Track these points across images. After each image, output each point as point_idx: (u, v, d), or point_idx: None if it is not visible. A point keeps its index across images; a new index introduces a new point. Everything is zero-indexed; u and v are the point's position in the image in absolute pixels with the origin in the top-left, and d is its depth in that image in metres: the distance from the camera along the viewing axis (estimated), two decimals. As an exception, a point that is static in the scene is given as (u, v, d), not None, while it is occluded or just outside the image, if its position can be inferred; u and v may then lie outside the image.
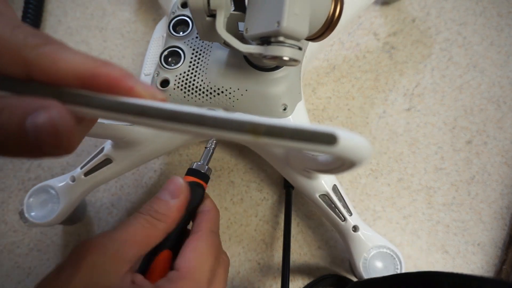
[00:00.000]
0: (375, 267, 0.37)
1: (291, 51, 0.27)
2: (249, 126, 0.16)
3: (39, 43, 0.17)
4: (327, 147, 0.16)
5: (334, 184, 0.38)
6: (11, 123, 0.16)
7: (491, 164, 0.47)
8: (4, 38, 0.16)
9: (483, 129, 0.49)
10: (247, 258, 0.45)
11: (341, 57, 0.52)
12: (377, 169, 0.48)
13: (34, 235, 0.47)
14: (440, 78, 0.51)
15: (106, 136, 0.37)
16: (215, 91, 0.37)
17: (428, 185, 0.47)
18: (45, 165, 0.49)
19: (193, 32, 0.39)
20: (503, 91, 0.50)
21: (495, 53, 0.51)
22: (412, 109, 0.50)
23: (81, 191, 0.40)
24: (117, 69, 0.18)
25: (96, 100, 0.17)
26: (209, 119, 0.16)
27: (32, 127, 0.16)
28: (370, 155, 0.18)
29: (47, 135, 0.16)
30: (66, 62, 0.17)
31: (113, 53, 0.54)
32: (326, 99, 0.50)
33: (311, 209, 0.47)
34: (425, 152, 0.48)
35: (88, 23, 0.55)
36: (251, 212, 0.47)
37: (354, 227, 0.38)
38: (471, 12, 0.53)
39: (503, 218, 0.46)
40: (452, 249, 0.45)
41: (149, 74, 0.42)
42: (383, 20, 0.53)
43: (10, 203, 0.48)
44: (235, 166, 0.49)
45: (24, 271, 0.45)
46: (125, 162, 0.40)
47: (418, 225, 0.46)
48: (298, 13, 0.26)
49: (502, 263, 0.43)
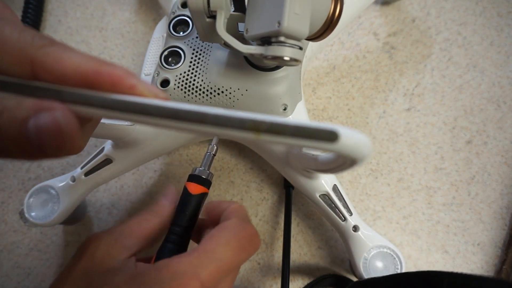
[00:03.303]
0: (375, 267, 0.37)
1: (292, 51, 0.27)
2: (250, 123, 0.16)
3: (45, 43, 0.17)
4: (328, 145, 0.16)
5: (334, 184, 0.38)
6: (12, 125, 0.16)
7: (491, 164, 0.47)
8: (12, 39, 0.17)
9: (483, 129, 0.49)
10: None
11: (341, 57, 0.52)
12: (377, 169, 0.48)
13: (34, 235, 0.47)
14: (440, 78, 0.51)
15: (107, 136, 0.37)
16: (215, 91, 0.37)
17: (428, 185, 0.47)
18: (45, 165, 0.49)
19: (193, 32, 0.39)
20: (503, 91, 0.50)
21: (495, 53, 0.51)
22: (412, 109, 0.50)
23: (82, 191, 0.40)
24: (120, 68, 0.18)
25: (98, 99, 0.17)
26: (211, 117, 0.16)
27: (34, 128, 0.16)
28: (371, 153, 0.18)
29: (50, 136, 0.16)
30: (70, 61, 0.17)
31: (113, 53, 0.54)
32: (326, 99, 0.51)
33: (311, 209, 0.47)
34: (425, 152, 0.48)
35: (88, 23, 0.55)
36: (251, 212, 0.47)
37: (354, 227, 0.38)
38: (471, 12, 0.53)
39: (503, 218, 0.46)
40: (452, 249, 0.45)
41: (149, 74, 0.42)
42: (383, 20, 0.54)
43: (10, 203, 0.48)
44: (235, 166, 0.49)
45: (24, 271, 0.45)
46: (125, 162, 0.40)
47: (418, 225, 0.46)
48: (298, 13, 0.26)
49: (502, 263, 0.44)
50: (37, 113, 0.16)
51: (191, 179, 0.31)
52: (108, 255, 0.25)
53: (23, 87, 0.17)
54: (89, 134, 0.22)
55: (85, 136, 0.22)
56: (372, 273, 0.37)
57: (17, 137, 0.16)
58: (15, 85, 0.17)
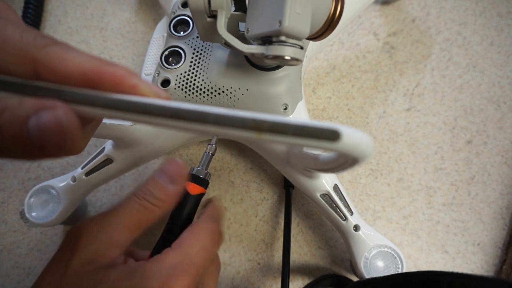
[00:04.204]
0: (376, 266, 0.37)
1: (293, 50, 0.27)
2: (252, 123, 0.16)
3: (47, 43, 0.17)
4: (329, 144, 0.16)
5: (335, 184, 0.38)
6: (13, 124, 0.16)
7: (491, 164, 0.47)
8: (15, 38, 0.17)
9: (483, 129, 0.49)
10: (247, 258, 0.45)
11: (341, 57, 0.52)
12: (377, 169, 0.48)
13: (34, 235, 0.46)
14: (440, 78, 0.51)
15: (107, 136, 0.37)
16: (216, 90, 0.37)
17: (428, 185, 0.47)
18: (45, 165, 0.49)
19: (193, 32, 0.39)
20: (503, 91, 0.50)
21: (495, 53, 0.51)
22: (412, 109, 0.50)
23: (82, 191, 0.40)
24: (122, 68, 0.18)
25: (100, 99, 0.17)
26: (212, 116, 0.16)
27: (35, 127, 0.16)
28: (372, 152, 0.18)
29: (51, 135, 0.16)
30: (72, 61, 0.17)
31: (113, 53, 0.54)
32: (326, 99, 0.51)
33: (311, 209, 0.47)
34: (425, 152, 0.48)
35: (88, 23, 0.55)
36: (251, 212, 0.47)
37: (355, 226, 0.38)
38: (471, 12, 0.54)
39: (503, 218, 0.46)
40: (452, 249, 0.45)
41: (149, 74, 0.42)
42: (383, 20, 0.54)
43: (10, 203, 0.48)
44: (235, 166, 0.49)
45: (24, 271, 0.45)
46: (126, 162, 0.40)
47: (418, 225, 0.46)
48: (299, 12, 0.26)
49: (502, 263, 0.44)
50: (39, 111, 0.16)
51: (189, 179, 0.31)
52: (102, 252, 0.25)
53: (25, 87, 0.17)
54: (90, 135, 0.22)
55: (86, 137, 0.22)
56: (373, 273, 0.37)
57: (18, 136, 0.16)
58: (17, 85, 0.17)
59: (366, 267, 0.37)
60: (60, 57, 0.17)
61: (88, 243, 0.24)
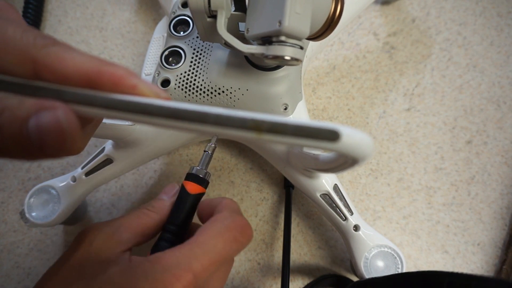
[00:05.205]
0: (376, 266, 0.37)
1: (293, 50, 0.27)
2: (252, 123, 0.16)
3: (47, 43, 0.18)
4: (329, 144, 0.16)
5: (335, 184, 0.38)
6: (13, 124, 0.16)
7: (491, 164, 0.47)
8: (15, 38, 0.17)
9: (483, 129, 0.49)
10: (247, 258, 0.45)
11: (341, 57, 0.52)
12: (377, 169, 0.48)
13: (34, 235, 0.46)
14: (440, 78, 0.51)
15: (107, 136, 0.37)
16: (216, 90, 0.37)
17: (428, 185, 0.47)
18: (45, 165, 0.49)
19: (193, 32, 0.39)
20: (503, 91, 0.50)
21: (495, 53, 0.51)
22: (412, 109, 0.50)
23: (82, 191, 0.40)
24: (121, 68, 0.18)
25: (100, 99, 0.17)
26: (212, 117, 0.16)
27: (35, 127, 0.16)
28: (372, 152, 0.18)
29: (50, 135, 0.16)
30: (72, 61, 0.17)
31: (113, 53, 0.54)
32: (326, 99, 0.51)
33: (311, 209, 0.47)
34: (425, 152, 0.48)
35: (88, 23, 0.55)
36: (251, 212, 0.47)
37: (355, 226, 0.38)
38: (471, 12, 0.53)
39: (503, 218, 0.46)
40: (452, 249, 0.45)
41: (149, 74, 0.42)
42: (383, 20, 0.54)
43: (10, 203, 0.48)
44: (235, 166, 0.49)
45: (24, 271, 0.45)
46: (126, 162, 0.40)
47: (418, 225, 0.46)
48: (299, 12, 0.26)
49: (502, 263, 0.44)
50: (39, 112, 0.16)
51: (189, 178, 0.31)
52: (105, 247, 0.26)
53: (25, 87, 0.17)
54: (90, 135, 0.22)
55: (86, 137, 0.22)
56: (373, 273, 0.37)
57: (17, 136, 0.16)
58: (17, 85, 0.17)
59: (366, 267, 0.37)
60: (60, 57, 0.17)
61: (94, 238, 0.27)
